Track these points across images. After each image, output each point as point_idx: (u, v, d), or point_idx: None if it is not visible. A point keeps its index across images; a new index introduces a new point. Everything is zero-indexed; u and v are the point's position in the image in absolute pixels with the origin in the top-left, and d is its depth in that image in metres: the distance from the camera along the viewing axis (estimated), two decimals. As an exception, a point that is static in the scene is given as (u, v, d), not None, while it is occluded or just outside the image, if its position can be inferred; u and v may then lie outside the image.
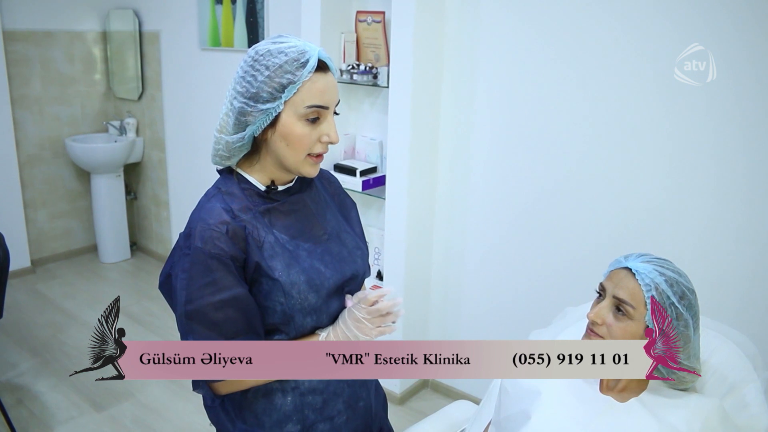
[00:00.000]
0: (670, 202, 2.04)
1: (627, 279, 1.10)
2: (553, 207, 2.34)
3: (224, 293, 1.07)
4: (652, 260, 1.11)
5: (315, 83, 1.05)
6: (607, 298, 1.11)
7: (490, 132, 2.46)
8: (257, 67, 1.06)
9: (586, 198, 2.23)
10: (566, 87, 2.22)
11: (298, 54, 1.04)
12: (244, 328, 1.10)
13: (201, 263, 1.07)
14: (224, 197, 1.13)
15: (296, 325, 1.14)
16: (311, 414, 1.22)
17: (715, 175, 1.94)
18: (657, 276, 1.08)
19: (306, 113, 1.06)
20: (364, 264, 1.26)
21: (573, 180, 2.27)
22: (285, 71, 1.04)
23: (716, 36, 1.84)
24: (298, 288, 1.11)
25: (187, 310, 1.08)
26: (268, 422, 1.21)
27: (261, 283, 1.11)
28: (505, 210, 2.48)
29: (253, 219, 1.12)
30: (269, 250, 1.11)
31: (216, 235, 1.07)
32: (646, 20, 1.97)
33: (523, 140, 2.38)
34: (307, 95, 1.05)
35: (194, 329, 1.08)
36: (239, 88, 1.08)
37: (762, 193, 1.87)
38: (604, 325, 1.09)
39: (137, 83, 4.05)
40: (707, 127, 1.92)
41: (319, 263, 1.15)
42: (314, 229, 1.19)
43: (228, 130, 1.11)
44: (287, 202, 1.17)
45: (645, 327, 1.08)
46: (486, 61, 2.40)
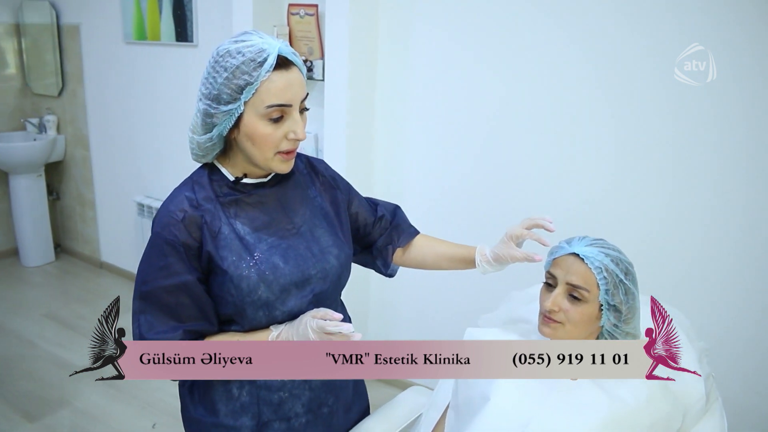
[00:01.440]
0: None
1: (576, 264, 1.15)
2: (495, 201, 2.40)
3: (175, 278, 1.09)
4: (594, 242, 1.18)
5: (274, 82, 1.04)
6: (560, 285, 1.16)
7: (426, 124, 2.51)
8: (217, 69, 1.05)
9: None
10: (515, 81, 2.26)
11: (256, 53, 1.03)
12: (195, 314, 1.12)
13: (157, 247, 1.10)
14: (194, 186, 1.15)
15: (248, 317, 1.15)
16: (267, 411, 1.22)
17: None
18: (603, 258, 1.14)
19: (267, 113, 1.06)
20: (338, 264, 1.23)
21: (518, 175, 2.33)
22: (242, 72, 1.03)
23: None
24: (248, 281, 1.11)
25: (142, 291, 1.11)
26: (224, 411, 1.22)
27: (216, 274, 1.12)
28: (442, 203, 2.53)
29: (214, 209, 1.13)
30: (222, 241, 1.12)
31: (172, 221, 1.10)
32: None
33: (459, 133, 2.44)
34: (266, 95, 1.04)
35: (146, 309, 1.11)
36: (203, 89, 1.08)
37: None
38: (561, 312, 1.15)
39: (56, 78, 3.88)
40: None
41: (279, 258, 1.15)
42: (281, 223, 1.19)
43: (198, 131, 1.12)
44: (254, 194, 1.17)
45: (599, 306, 1.15)
46: (421, 52, 2.44)
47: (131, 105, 3.56)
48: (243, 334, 1.17)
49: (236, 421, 1.22)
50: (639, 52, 1.98)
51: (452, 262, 1.36)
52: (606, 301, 1.14)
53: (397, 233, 1.40)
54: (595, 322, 1.16)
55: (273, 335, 1.15)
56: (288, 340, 1.13)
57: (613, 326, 1.16)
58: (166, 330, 1.10)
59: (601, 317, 1.15)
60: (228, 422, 1.22)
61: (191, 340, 1.12)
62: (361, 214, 1.37)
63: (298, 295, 1.17)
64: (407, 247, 1.41)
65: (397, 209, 1.43)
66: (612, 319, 1.15)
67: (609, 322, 1.15)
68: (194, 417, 1.25)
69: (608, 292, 1.13)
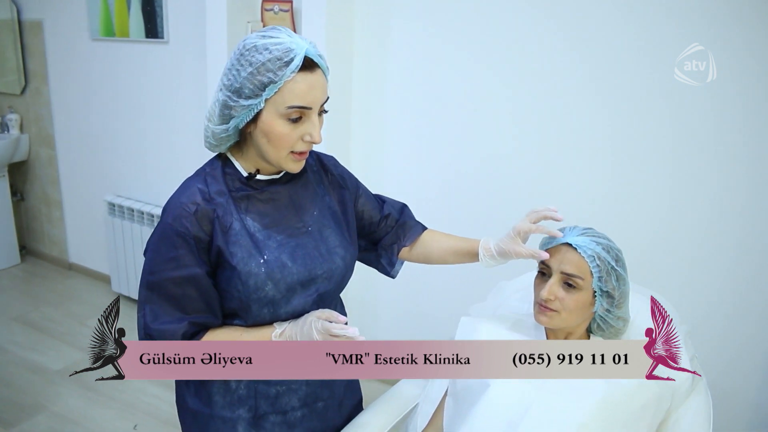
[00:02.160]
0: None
1: (569, 254, 1.19)
2: (477, 198, 2.43)
3: (183, 270, 1.09)
4: (584, 231, 1.23)
5: (298, 83, 1.04)
6: (555, 275, 1.20)
7: (402, 120, 2.52)
8: (242, 62, 1.05)
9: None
10: (493, 85, 2.27)
11: (283, 53, 1.02)
12: (201, 307, 1.12)
13: (168, 238, 1.09)
14: (206, 178, 1.15)
15: (253, 313, 1.16)
16: (264, 404, 1.23)
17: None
18: (595, 246, 1.19)
19: (287, 113, 1.05)
20: (344, 265, 1.24)
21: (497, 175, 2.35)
22: (267, 69, 1.02)
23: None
24: (256, 278, 1.12)
25: (149, 281, 1.11)
26: (221, 403, 1.23)
27: (224, 268, 1.13)
28: (420, 200, 2.53)
29: (226, 203, 1.13)
30: (233, 237, 1.12)
31: (184, 213, 1.09)
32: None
33: (437, 130, 2.45)
34: (288, 95, 1.04)
35: (152, 299, 1.11)
36: (225, 80, 1.08)
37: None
38: (557, 300, 1.19)
39: (18, 76, 3.77)
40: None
41: (287, 257, 1.15)
42: (291, 221, 1.19)
43: (214, 120, 1.12)
44: (266, 191, 1.18)
45: (593, 293, 1.20)
46: (398, 47, 2.45)
47: (99, 103, 3.48)
48: (246, 329, 1.17)
49: (233, 413, 1.23)
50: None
51: (457, 256, 1.37)
52: (599, 287, 1.19)
53: (404, 231, 1.40)
54: (589, 308, 1.21)
55: (276, 332, 1.16)
56: (291, 338, 1.14)
57: (606, 311, 1.21)
58: (170, 321, 1.10)
59: (595, 303, 1.20)
60: (225, 414, 1.23)
61: (196, 331, 1.13)
62: (367, 211, 1.38)
63: (303, 294, 1.18)
64: (414, 244, 1.42)
65: (404, 207, 1.44)
66: (605, 305, 1.20)
67: (602, 308, 1.20)
68: (190, 408, 1.26)
69: (601, 279, 1.18)
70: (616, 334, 1.28)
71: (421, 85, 2.45)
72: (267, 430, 1.25)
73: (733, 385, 2.07)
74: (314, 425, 1.31)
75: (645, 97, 2.01)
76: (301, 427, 1.28)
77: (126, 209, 3.38)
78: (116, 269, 3.54)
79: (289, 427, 1.27)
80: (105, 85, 3.41)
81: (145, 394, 2.68)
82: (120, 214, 3.42)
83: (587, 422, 1.08)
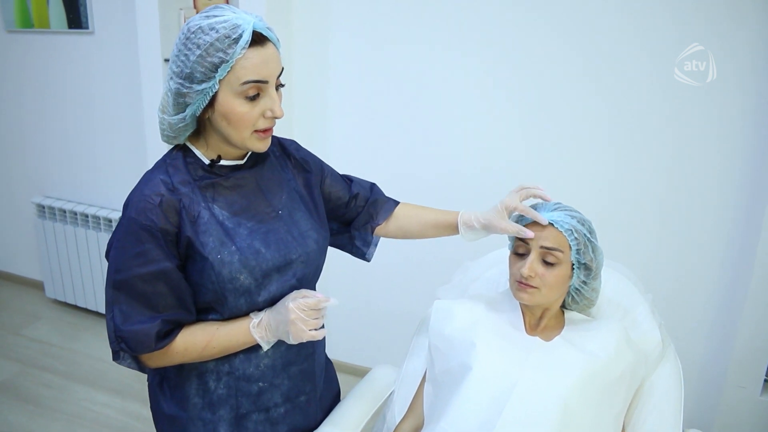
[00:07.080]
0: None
1: (547, 230, 1.20)
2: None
3: (152, 266, 1.04)
4: (557, 206, 1.24)
5: (249, 59, 1.01)
6: (534, 251, 1.20)
7: (344, 100, 2.46)
8: (189, 46, 1.00)
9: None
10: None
11: (230, 30, 0.99)
12: (174, 303, 1.08)
13: (132, 233, 1.04)
14: (168, 169, 1.10)
15: (229, 305, 1.12)
16: (245, 402, 1.20)
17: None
18: (570, 219, 1.21)
19: (243, 90, 1.02)
20: (318, 248, 1.22)
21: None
22: (216, 49, 0.99)
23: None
24: (230, 267, 1.08)
25: (115, 279, 1.06)
26: (200, 404, 1.19)
27: (195, 260, 1.08)
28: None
29: (192, 193, 1.08)
30: (203, 226, 1.07)
31: (149, 206, 1.04)
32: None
33: (385, 115, 2.41)
34: (242, 72, 1.01)
35: (120, 299, 1.05)
36: (174, 68, 1.03)
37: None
38: (537, 277, 1.19)
39: (-74, 73, 3.49)
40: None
41: (260, 243, 1.12)
42: (260, 207, 1.15)
43: (169, 111, 1.07)
44: (232, 177, 1.13)
45: (571, 266, 1.22)
46: (340, 27, 2.38)
47: (20, 99, 3.26)
48: (222, 323, 1.13)
49: (213, 414, 1.19)
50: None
51: (438, 229, 1.36)
52: (577, 260, 1.21)
53: (375, 209, 1.38)
54: (567, 282, 1.22)
55: (254, 323, 1.13)
56: (269, 325, 1.12)
57: (582, 283, 1.23)
58: (142, 320, 1.05)
59: (573, 277, 1.21)
60: (205, 416, 1.19)
61: (169, 330, 1.08)
62: (335, 192, 1.35)
63: (280, 280, 1.15)
64: (388, 220, 1.40)
65: (373, 185, 1.42)
66: (582, 277, 1.22)
67: (578, 280, 1.23)
68: (167, 413, 1.21)
69: (579, 252, 1.20)
70: (589, 306, 1.31)
71: (366, 63, 2.38)
72: (250, 429, 1.21)
73: (698, 348, 2.16)
74: (297, 421, 1.28)
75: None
76: (284, 423, 1.25)
77: (57, 210, 3.20)
78: (50, 274, 3.35)
79: (272, 424, 1.24)
80: (25, 80, 3.20)
81: (93, 402, 2.56)
82: (51, 216, 3.24)
83: (569, 395, 1.10)
